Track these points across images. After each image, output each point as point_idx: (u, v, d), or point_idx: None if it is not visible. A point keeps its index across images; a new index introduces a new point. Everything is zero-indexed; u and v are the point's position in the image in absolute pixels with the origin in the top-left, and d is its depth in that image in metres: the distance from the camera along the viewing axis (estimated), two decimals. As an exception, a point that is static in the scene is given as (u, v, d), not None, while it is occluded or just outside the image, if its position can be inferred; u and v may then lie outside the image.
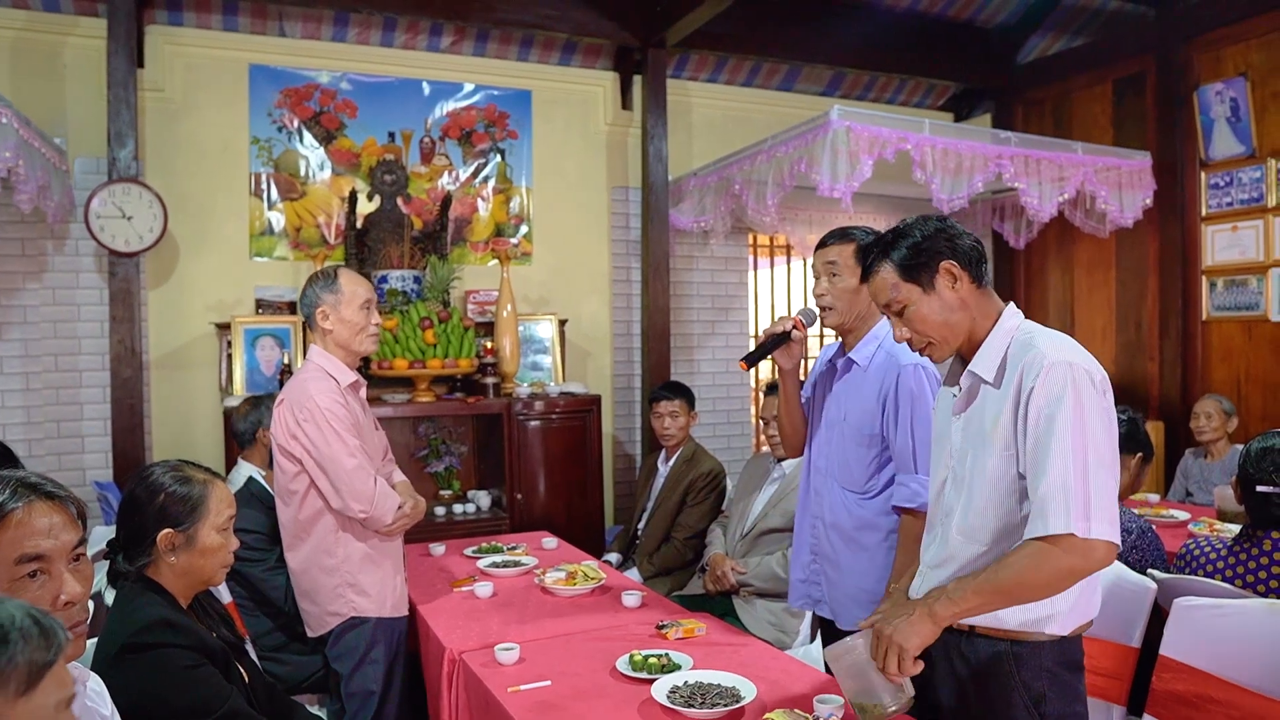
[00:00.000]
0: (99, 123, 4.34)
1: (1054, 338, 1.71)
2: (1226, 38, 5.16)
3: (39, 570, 1.38)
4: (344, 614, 2.63)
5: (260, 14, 4.74)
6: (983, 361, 1.77)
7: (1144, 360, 5.64)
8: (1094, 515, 1.57)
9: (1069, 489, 1.57)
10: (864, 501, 2.43)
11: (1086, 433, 1.60)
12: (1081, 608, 1.75)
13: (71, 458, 4.47)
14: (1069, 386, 1.62)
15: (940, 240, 1.78)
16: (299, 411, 2.58)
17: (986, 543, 1.74)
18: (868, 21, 5.79)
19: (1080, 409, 1.61)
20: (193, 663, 1.82)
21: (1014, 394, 1.68)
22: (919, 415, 2.34)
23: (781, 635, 3.29)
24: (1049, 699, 1.73)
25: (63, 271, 4.46)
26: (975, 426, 1.77)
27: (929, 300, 1.78)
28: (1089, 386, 1.63)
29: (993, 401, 1.74)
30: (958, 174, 4.42)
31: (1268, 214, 5.00)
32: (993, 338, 1.77)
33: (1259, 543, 2.49)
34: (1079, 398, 1.61)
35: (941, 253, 1.77)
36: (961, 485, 1.79)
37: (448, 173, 5.20)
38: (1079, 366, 1.64)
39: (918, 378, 2.36)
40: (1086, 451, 1.59)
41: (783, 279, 6.33)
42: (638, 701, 2.04)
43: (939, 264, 1.77)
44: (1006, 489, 1.71)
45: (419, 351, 4.43)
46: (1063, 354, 1.65)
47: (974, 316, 1.79)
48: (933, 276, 1.77)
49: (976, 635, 1.78)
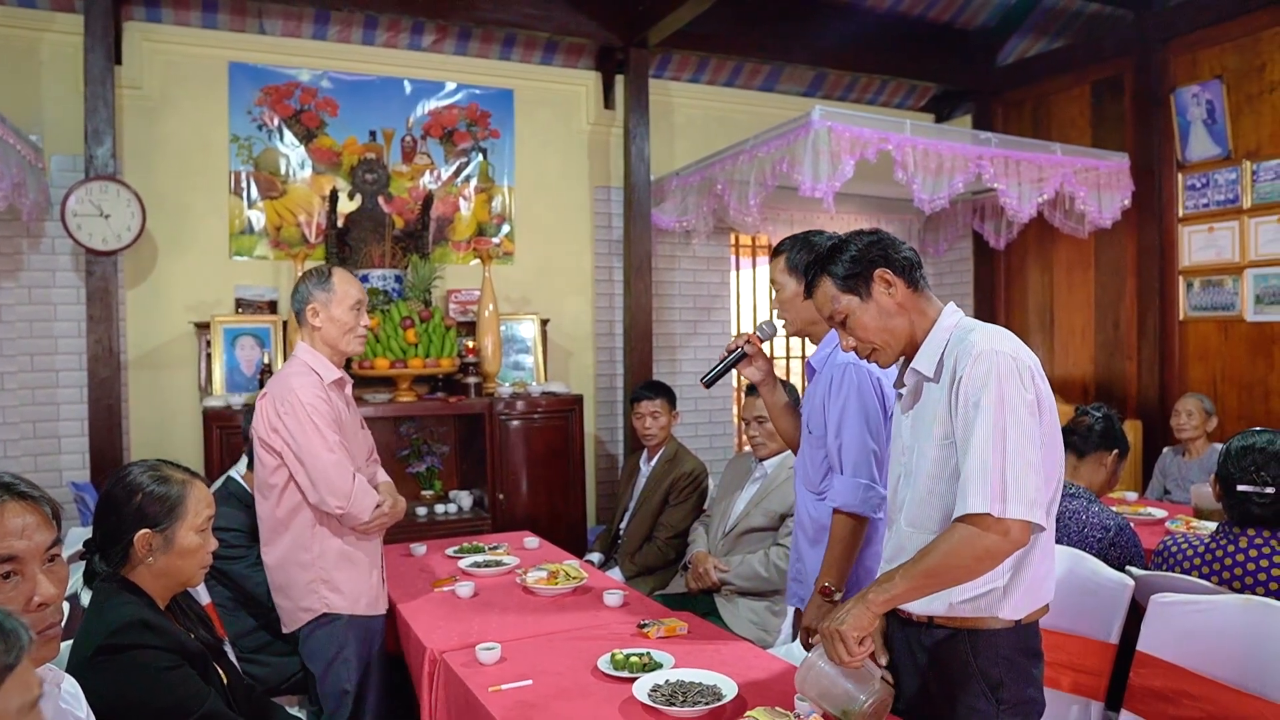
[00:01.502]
0: (76, 120, 4.30)
1: (987, 330, 1.78)
2: (1202, 41, 5.22)
3: (12, 571, 1.37)
4: (316, 610, 2.63)
5: (240, 11, 4.70)
6: (923, 359, 1.85)
7: (1122, 359, 5.69)
8: (1010, 496, 1.64)
9: (987, 470, 1.65)
10: (818, 502, 2.47)
11: (1006, 417, 1.67)
12: (1033, 591, 1.80)
13: (48, 459, 4.43)
14: (993, 372, 1.69)
15: (874, 250, 1.87)
16: (280, 405, 2.57)
17: (934, 531, 1.79)
18: (849, 22, 5.81)
19: (1001, 393, 1.68)
20: (170, 664, 1.80)
21: (949, 384, 1.77)
22: (848, 415, 2.37)
23: (763, 634, 3.30)
24: (1006, 685, 1.78)
25: (39, 270, 4.41)
26: (921, 422, 1.85)
27: (867, 308, 1.87)
28: (1012, 373, 1.69)
29: (933, 394, 1.82)
30: (938, 174, 4.45)
31: (1243, 215, 5.06)
32: (932, 336, 1.85)
33: (1235, 540, 2.51)
34: (1001, 383, 1.68)
35: (875, 261, 1.86)
36: (910, 479, 1.87)
37: (429, 172, 5.18)
38: (1004, 354, 1.71)
39: (849, 377, 2.38)
40: (1006, 435, 1.66)
41: (765, 279, 6.35)
42: (619, 700, 2.04)
43: (874, 272, 1.85)
44: (949, 478, 1.77)
45: (400, 351, 4.42)
46: (991, 343, 1.73)
47: (912, 319, 1.87)
48: (869, 285, 1.86)
49: (935, 625, 1.83)
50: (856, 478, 2.34)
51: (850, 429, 2.36)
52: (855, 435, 2.36)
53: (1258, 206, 4.99)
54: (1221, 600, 2.24)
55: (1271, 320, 4.94)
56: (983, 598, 1.77)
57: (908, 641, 1.90)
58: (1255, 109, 5.00)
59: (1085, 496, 2.89)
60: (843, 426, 2.37)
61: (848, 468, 2.36)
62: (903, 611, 1.88)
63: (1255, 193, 5.00)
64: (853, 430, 2.36)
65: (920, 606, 1.83)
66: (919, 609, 1.84)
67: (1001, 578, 1.76)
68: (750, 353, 2.53)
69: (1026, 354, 1.75)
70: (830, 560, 2.35)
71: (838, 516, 2.35)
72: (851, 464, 2.35)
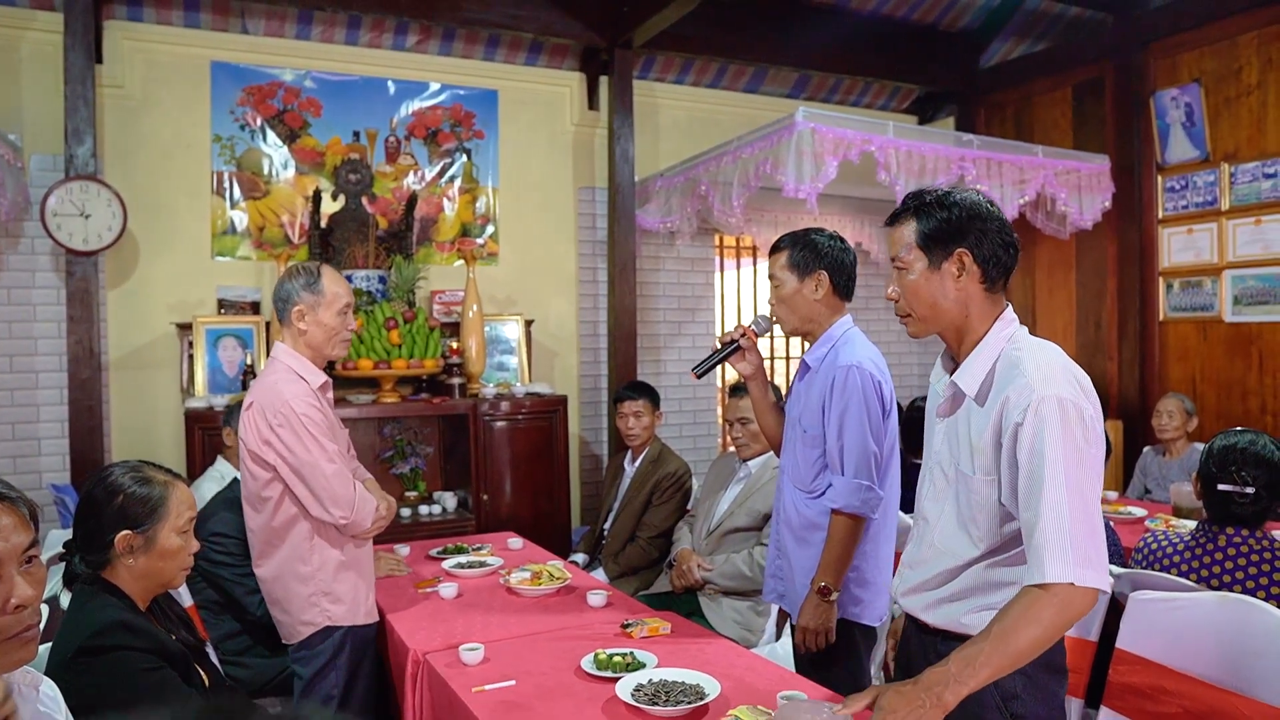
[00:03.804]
0: (56, 119, 4.27)
1: (1041, 362, 1.64)
2: (1181, 45, 5.27)
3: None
4: (318, 623, 2.56)
5: (222, 10, 4.68)
6: (967, 374, 1.73)
7: (1103, 360, 5.73)
8: (1091, 563, 1.53)
9: (1065, 536, 1.53)
10: (810, 501, 2.48)
11: (1082, 476, 1.56)
12: None
13: (27, 460, 4.39)
14: (1059, 425, 1.56)
15: (972, 226, 1.72)
16: (273, 416, 2.47)
17: (963, 559, 1.74)
18: (833, 25, 5.84)
19: (1071, 450, 1.56)
20: (151, 665, 1.79)
21: (996, 421, 1.64)
22: (850, 417, 2.38)
23: (747, 634, 3.30)
24: (1021, 698, 1.71)
25: (18, 270, 4.37)
26: (957, 439, 1.75)
27: (929, 277, 1.74)
28: (1078, 424, 1.57)
29: (977, 419, 1.70)
30: (921, 176, 4.47)
31: (1221, 217, 5.11)
32: (982, 347, 1.73)
33: (1215, 538, 2.54)
34: (1070, 439, 1.56)
35: (963, 238, 1.71)
36: (941, 497, 1.79)
37: (413, 172, 5.17)
38: (1068, 401, 1.58)
39: (852, 380, 2.39)
40: (1083, 497, 1.55)
41: (749, 280, 6.36)
42: (602, 700, 2.04)
43: (954, 249, 1.72)
44: (987, 513, 1.70)
45: (384, 352, 4.40)
46: (1052, 387, 1.58)
47: (970, 313, 1.74)
48: (944, 258, 1.73)
49: (952, 637, 1.76)
50: (858, 479, 2.35)
51: (852, 431, 2.37)
52: (857, 438, 2.37)
53: (1235, 208, 5.04)
54: (1200, 598, 2.27)
55: (1249, 321, 5.00)
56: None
57: (924, 650, 1.83)
58: (1233, 112, 5.05)
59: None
60: (845, 428, 2.38)
61: (849, 469, 2.37)
62: (920, 620, 1.83)
63: (1233, 195, 5.05)
64: (855, 433, 2.37)
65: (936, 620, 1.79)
66: (936, 621, 1.79)
67: None
68: (745, 346, 2.54)
69: (1086, 398, 1.62)
70: (828, 560, 2.37)
71: (837, 517, 2.37)
72: (853, 466, 2.37)
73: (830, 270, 2.50)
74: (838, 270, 2.51)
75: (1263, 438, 2.54)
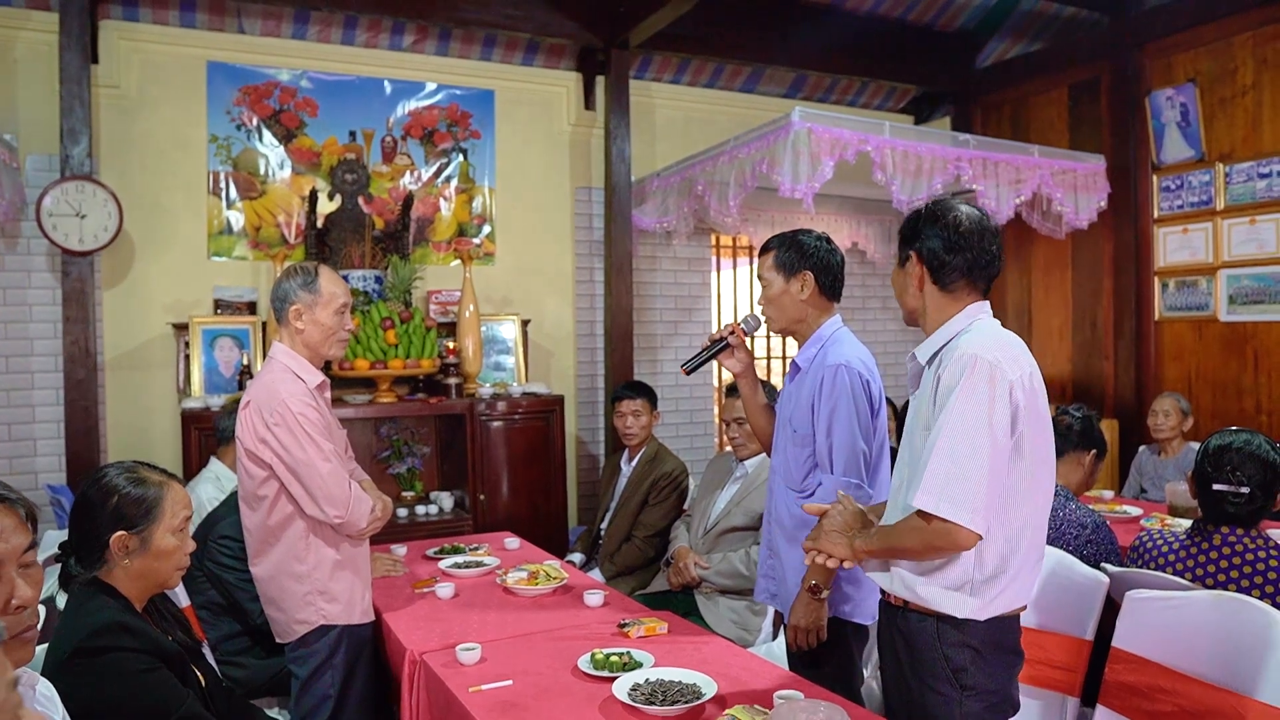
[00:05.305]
0: (51, 119, 4.26)
1: (985, 333, 1.85)
2: (1177, 45, 5.28)
3: (-13, 573, 1.36)
4: (313, 622, 2.56)
5: (218, 10, 4.68)
6: (923, 348, 1.96)
7: (1099, 359, 5.74)
8: (954, 501, 1.70)
9: (939, 474, 1.72)
10: (800, 500, 2.48)
11: (964, 420, 1.73)
12: (1007, 593, 1.83)
13: (23, 461, 4.38)
14: (965, 375, 1.74)
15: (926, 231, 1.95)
16: (269, 415, 2.48)
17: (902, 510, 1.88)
18: (830, 25, 5.84)
19: (965, 398, 1.73)
20: (147, 666, 1.79)
21: (933, 380, 1.85)
22: (838, 416, 2.40)
23: (744, 633, 3.31)
24: (970, 671, 1.84)
25: (13, 271, 4.37)
26: (915, 410, 1.94)
27: (897, 275, 2.03)
28: (984, 378, 1.73)
29: (927, 382, 1.90)
30: (917, 176, 4.47)
31: (1216, 217, 5.12)
32: (940, 330, 1.93)
33: (1210, 537, 2.54)
34: (969, 387, 1.74)
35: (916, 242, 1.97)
36: (904, 462, 1.95)
37: (409, 172, 5.17)
38: (983, 359, 1.75)
39: (840, 379, 2.40)
40: (957, 438, 1.72)
41: (745, 279, 6.37)
42: (599, 700, 2.04)
43: (909, 250, 1.97)
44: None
45: (380, 352, 4.40)
46: (975, 347, 1.78)
47: (928, 309, 1.96)
48: (906, 259, 1.99)
49: (910, 611, 1.90)
50: (846, 477, 2.36)
51: (841, 430, 2.39)
52: (846, 436, 2.38)
53: (1230, 208, 5.06)
54: (1194, 596, 2.27)
55: (1244, 320, 5.01)
56: (955, 591, 1.82)
57: (889, 624, 1.98)
58: (1228, 112, 5.07)
59: (1063, 494, 2.92)
60: (833, 427, 2.40)
61: (838, 467, 2.39)
62: (885, 593, 1.98)
63: (1228, 194, 5.07)
64: (843, 431, 2.38)
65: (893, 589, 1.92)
66: (895, 590, 1.92)
67: (976, 573, 1.81)
68: (733, 344, 2.56)
69: (1015, 363, 1.78)
70: None
71: None
72: (842, 464, 2.38)
73: (816, 270, 2.51)
74: (824, 271, 2.52)
75: (1258, 437, 2.55)
